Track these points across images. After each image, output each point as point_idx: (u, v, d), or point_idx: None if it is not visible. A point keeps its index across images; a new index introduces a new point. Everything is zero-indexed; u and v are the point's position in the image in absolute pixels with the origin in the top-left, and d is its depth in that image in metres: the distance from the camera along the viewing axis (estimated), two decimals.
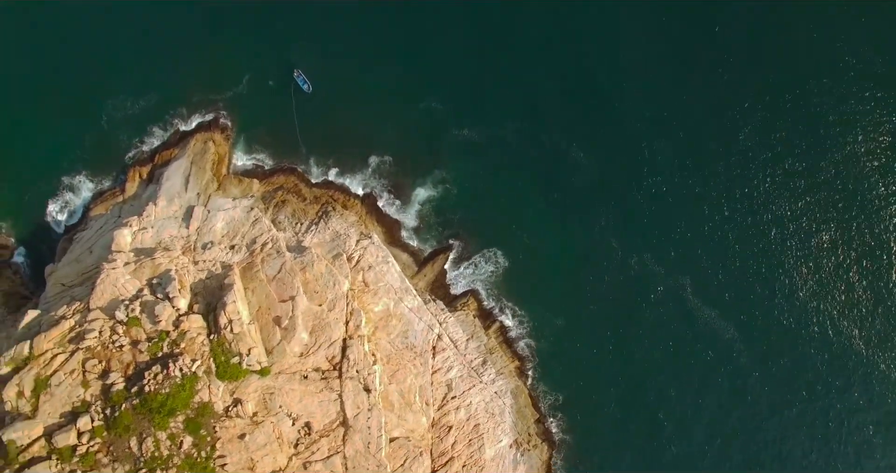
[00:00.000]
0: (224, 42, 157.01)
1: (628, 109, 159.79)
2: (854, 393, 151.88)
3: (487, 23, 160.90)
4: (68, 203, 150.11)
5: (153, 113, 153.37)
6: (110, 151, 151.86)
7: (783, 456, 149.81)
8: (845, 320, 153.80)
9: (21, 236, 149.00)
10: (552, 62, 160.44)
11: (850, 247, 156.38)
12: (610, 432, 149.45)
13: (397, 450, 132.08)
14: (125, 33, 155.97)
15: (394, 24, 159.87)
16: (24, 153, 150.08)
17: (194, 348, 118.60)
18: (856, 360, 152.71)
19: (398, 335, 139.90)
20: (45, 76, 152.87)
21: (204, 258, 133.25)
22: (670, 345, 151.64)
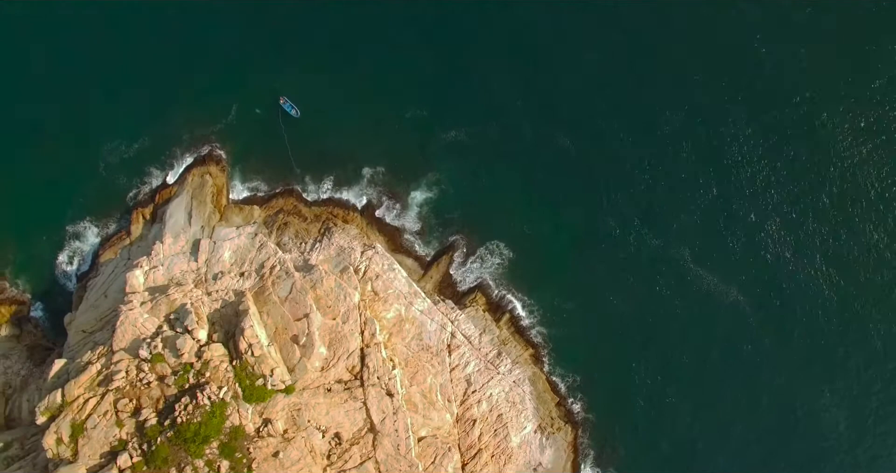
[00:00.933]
0: (207, 77, 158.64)
1: (604, 92, 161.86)
2: (869, 346, 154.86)
3: (457, 32, 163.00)
4: (77, 252, 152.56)
5: (148, 154, 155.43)
6: (111, 196, 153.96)
7: (804, 415, 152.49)
8: (844, 270, 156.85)
9: (35, 290, 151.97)
10: (524, 60, 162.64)
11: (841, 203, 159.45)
12: (630, 406, 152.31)
13: (426, 449, 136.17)
14: (111, 79, 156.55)
15: (369, 42, 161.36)
16: (26, 208, 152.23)
17: (219, 375, 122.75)
18: (862, 311, 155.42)
19: (413, 338, 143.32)
20: (38, 129, 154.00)
21: (216, 288, 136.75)
22: (678, 315, 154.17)
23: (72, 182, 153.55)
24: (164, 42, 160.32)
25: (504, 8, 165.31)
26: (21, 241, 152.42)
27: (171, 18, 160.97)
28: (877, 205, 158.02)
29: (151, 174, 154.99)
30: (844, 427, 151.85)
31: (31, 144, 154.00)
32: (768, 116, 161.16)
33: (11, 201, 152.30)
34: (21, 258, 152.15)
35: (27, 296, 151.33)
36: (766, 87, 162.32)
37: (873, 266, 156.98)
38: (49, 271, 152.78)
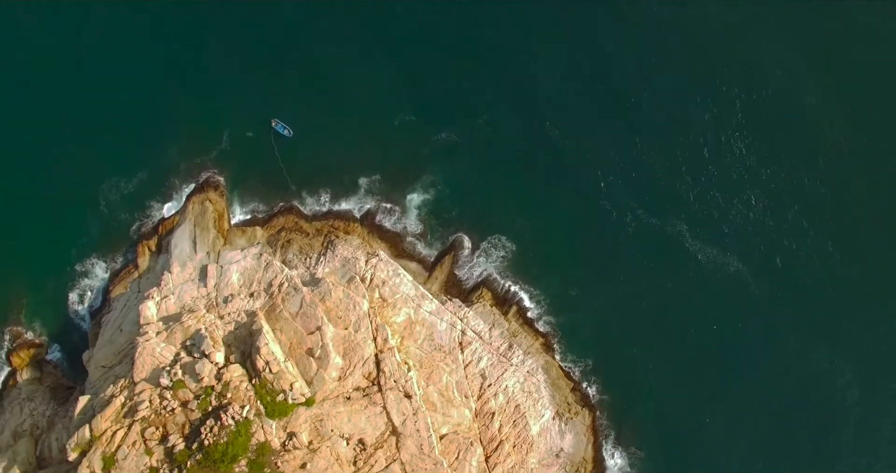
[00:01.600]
0: (196, 106, 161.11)
1: (584, 81, 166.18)
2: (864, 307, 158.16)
3: (435, 37, 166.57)
4: (87, 290, 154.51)
5: (147, 187, 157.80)
6: (115, 232, 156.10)
7: (812, 376, 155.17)
8: (835, 230, 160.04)
9: (51, 331, 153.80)
10: (503, 58, 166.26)
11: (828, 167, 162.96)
12: (645, 384, 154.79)
13: (449, 445, 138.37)
14: (101, 116, 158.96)
15: (350, 56, 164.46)
16: (31, 252, 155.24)
17: (240, 395, 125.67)
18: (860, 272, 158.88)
19: (425, 340, 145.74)
20: (35, 173, 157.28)
21: (228, 311, 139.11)
22: (682, 290, 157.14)
23: (74, 222, 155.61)
24: (150, 75, 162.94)
25: (479, 11, 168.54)
26: (31, 285, 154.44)
27: (153, 51, 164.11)
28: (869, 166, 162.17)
29: (152, 207, 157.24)
30: (856, 390, 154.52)
31: (30, 188, 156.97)
32: (751, 96, 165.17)
33: (16, 247, 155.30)
34: (33, 302, 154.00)
35: (44, 338, 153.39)
36: (743, 67, 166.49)
37: (872, 222, 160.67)
38: (62, 312, 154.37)
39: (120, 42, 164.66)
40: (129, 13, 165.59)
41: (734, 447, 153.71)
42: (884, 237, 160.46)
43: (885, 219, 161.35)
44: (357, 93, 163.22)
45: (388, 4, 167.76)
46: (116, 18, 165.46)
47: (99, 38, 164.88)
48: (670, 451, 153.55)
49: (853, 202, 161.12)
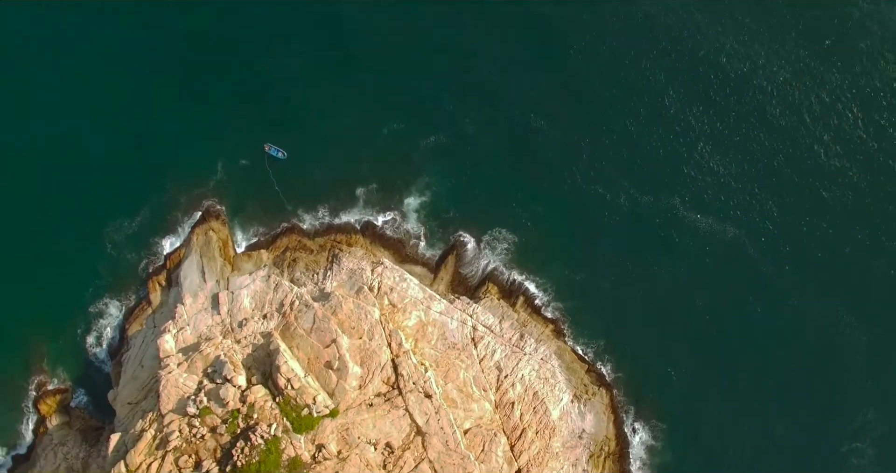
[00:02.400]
0: (188, 139, 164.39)
1: (561, 70, 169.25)
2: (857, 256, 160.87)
3: (413, 44, 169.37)
4: (104, 331, 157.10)
5: (150, 224, 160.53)
6: (125, 272, 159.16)
7: (820, 335, 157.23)
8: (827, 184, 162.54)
9: (74, 376, 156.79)
10: (479, 56, 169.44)
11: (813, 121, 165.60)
12: (658, 356, 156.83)
13: (474, 439, 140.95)
14: (97, 160, 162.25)
15: (331, 72, 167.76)
16: (46, 301, 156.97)
17: (266, 414, 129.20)
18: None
19: (438, 339, 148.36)
20: (40, 222, 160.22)
21: (244, 335, 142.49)
22: (683, 261, 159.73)
23: (84, 267, 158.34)
24: (138, 115, 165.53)
25: (449, 14, 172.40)
26: (49, 333, 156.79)
27: (139, 91, 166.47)
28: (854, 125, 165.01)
29: (157, 243, 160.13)
30: (864, 337, 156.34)
31: (36, 238, 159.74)
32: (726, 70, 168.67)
33: (30, 297, 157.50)
34: (53, 349, 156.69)
35: (68, 384, 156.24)
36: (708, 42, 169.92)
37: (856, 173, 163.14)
38: (82, 356, 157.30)
39: (104, 84, 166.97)
40: (110, 55, 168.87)
41: (755, 410, 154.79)
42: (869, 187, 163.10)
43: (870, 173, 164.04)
44: (343, 108, 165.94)
45: (360, 19, 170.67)
46: (96, 60, 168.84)
47: (84, 82, 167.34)
48: (691, 421, 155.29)
49: (835, 155, 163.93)
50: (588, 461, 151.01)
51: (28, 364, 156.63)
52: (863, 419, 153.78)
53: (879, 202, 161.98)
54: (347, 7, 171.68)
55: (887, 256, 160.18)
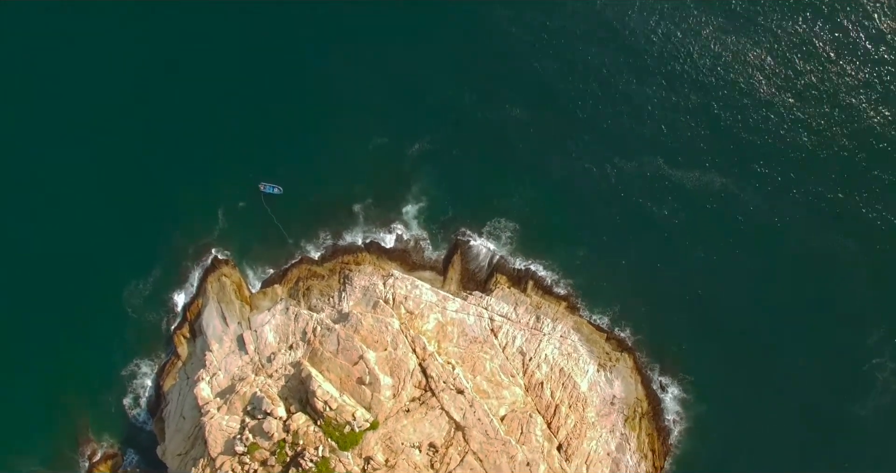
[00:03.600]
0: (184, 193, 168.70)
1: (529, 58, 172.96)
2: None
3: (381, 57, 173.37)
4: (140, 392, 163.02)
5: (164, 282, 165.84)
6: (149, 332, 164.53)
7: (821, 258, 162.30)
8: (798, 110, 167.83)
9: (121, 439, 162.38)
10: (449, 58, 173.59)
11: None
12: (671, 312, 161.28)
13: (511, 423, 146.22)
14: (101, 229, 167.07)
15: (305, 99, 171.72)
16: (80, 373, 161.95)
17: (311, 438, 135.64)
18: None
19: (459, 337, 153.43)
20: (60, 300, 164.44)
21: (275, 369, 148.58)
22: (679, 217, 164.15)
23: (110, 336, 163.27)
24: (131, 175, 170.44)
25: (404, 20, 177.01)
26: (88, 403, 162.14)
27: (124, 152, 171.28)
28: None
29: (174, 298, 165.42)
30: (866, 268, 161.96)
31: (58, 316, 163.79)
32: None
33: (65, 374, 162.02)
34: (94, 417, 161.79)
35: (116, 448, 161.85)
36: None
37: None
38: (124, 419, 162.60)
39: (93, 150, 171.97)
40: (92, 122, 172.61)
41: (775, 345, 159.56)
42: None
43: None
44: (325, 134, 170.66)
45: (323, 50, 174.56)
46: (83, 129, 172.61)
47: (75, 150, 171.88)
48: (716, 367, 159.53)
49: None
50: (624, 424, 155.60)
51: (74, 436, 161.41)
52: (877, 335, 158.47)
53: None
54: (309, 41, 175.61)
55: (872, 178, 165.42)
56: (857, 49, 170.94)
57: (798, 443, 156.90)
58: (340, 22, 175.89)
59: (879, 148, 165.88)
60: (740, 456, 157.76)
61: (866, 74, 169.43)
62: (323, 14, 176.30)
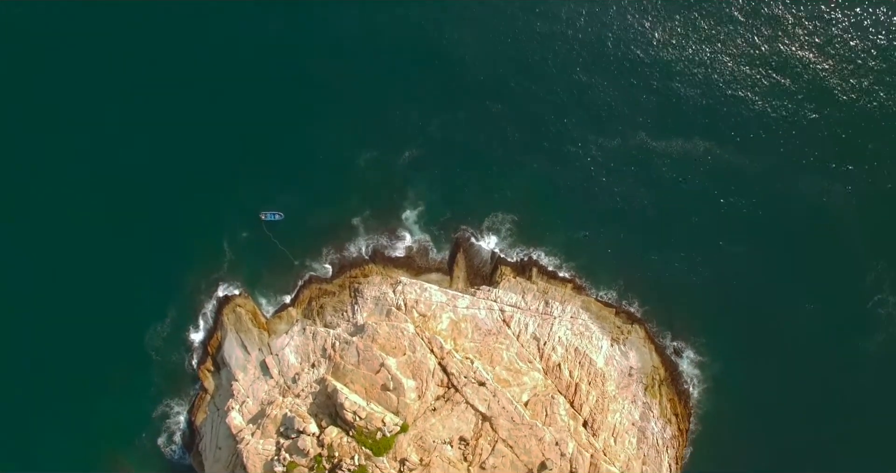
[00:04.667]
0: (188, 232, 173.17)
1: (502, 54, 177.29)
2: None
3: (357, 71, 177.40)
4: (174, 429, 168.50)
5: (180, 321, 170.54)
6: (173, 372, 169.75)
7: (812, 205, 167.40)
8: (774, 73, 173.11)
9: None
10: (422, 63, 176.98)
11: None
12: (675, 279, 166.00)
13: (535, 407, 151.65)
14: (114, 277, 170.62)
15: (290, 124, 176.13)
16: (113, 421, 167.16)
17: (345, 449, 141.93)
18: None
19: (473, 332, 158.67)
20: (83, 352, 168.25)
21: (301, 388, 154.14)
22: (669, 187, 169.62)
23: (137, 380, 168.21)
24: (134, 220, 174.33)
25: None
26: (125, 448, 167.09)
27: (121, 198, 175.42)
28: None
29: (193, 335, 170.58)
30: (855, 206, 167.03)
31: (84, 369, 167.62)
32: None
33: (98, 423, 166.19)
34: (133, 460, 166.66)
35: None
36: None
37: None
38: (161, 458, 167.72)
39: (90, 202, 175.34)
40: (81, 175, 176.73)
41: (779, 295, 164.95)
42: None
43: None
44: (315, 154, 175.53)
45: (296, 70, 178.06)
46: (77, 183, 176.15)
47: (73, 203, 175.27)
48: (725, 325, 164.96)
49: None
50: (645, 393, 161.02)
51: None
52: (875, 273, 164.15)
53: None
54: (281, 65, 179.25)
55: (851, 119, 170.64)
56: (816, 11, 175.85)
57: (816, 385, 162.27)
58: (311, 44, 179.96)
59: (844, 99, 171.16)
60: (761, 407, 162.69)
61: (824, 32, 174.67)
62: (291, 40, 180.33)
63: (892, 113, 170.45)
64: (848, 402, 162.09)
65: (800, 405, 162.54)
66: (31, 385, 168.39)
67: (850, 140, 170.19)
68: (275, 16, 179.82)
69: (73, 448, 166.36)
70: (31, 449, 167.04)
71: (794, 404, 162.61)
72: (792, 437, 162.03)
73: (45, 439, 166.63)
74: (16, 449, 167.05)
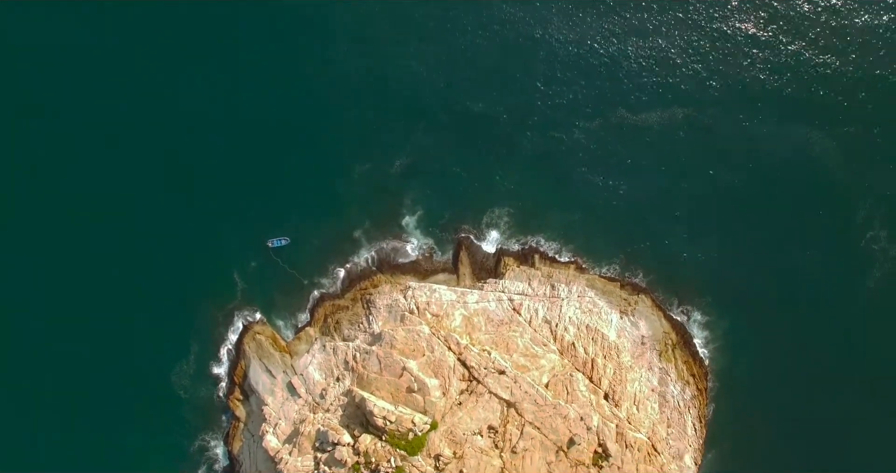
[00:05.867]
0: (198, 269, 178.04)
1: (473, 57, 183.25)
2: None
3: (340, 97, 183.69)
4: (213, 462, 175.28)
5: (203, 356, 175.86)
6: (204, 406, 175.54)
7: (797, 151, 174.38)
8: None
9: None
10: (400, 72, 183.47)
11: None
12: (674, 246, 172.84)
13: (556, 387, 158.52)
14: (131, 321, 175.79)
15: (280, 148, 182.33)
16: (149, 462, 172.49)
17: (381, 454, 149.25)
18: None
19: (486, 324, 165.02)
20: (114, 398, 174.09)
21: (329, 403, 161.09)
22: (655, 157, 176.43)
23: (169, 420, 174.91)
24: (144, 261, 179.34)
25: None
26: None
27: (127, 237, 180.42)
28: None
29: (218, 367, 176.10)
30: (837, 149, 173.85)
31: (118, 416, 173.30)
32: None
33: (137, 466, 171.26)
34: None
35: None
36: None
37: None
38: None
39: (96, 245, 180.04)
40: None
41: (773, 244, 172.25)
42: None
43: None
44: (310, 174, 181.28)
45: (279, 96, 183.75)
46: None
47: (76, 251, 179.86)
48: (727, 282, 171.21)
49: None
50: (660, 359, 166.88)
51: None
52: (863, 211, 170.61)
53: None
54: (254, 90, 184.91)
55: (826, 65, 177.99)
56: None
57: (821, 327, 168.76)
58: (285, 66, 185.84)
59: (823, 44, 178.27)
60: (773, 355, 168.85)
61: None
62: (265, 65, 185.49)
63: (859, 63, 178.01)
64: (854, 338, 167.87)
65: (809, 349, 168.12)
66: (66, 437, 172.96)
67: (819, 86, 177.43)
68: (261, 46, 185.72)
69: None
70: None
71: (803, 348, 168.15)
72: (806, 377, 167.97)
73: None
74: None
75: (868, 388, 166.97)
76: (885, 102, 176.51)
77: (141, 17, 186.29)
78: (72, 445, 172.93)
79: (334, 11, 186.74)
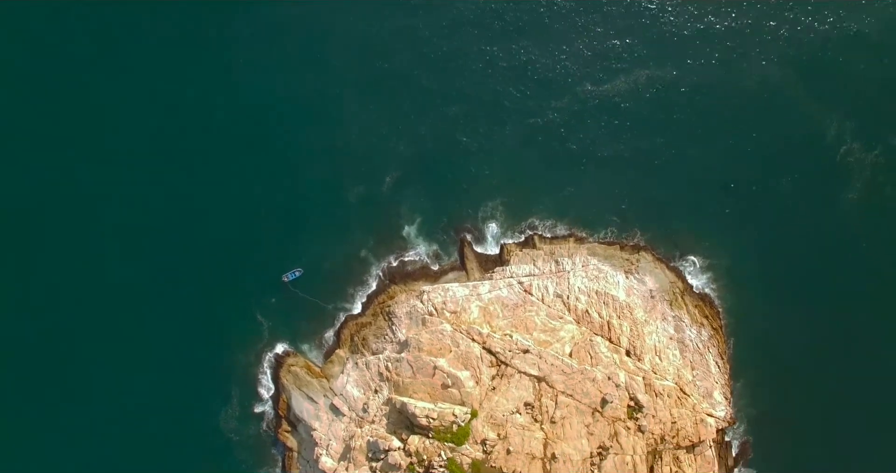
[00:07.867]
0: (221, 317, 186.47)
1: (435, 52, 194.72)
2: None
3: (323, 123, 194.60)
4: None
5: (246, 397, 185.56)
6: (256, 444, 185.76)
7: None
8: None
9: None
10: (380, 81, 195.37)
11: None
12: (669, 203, 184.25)
13: (579, 353, 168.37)
14: (169, 378, 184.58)
15: (273, 185, 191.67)
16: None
17: (430, 450, 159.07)
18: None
19: (502, 310, 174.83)
20: (168, 454, 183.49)
21: (373, 415, 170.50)
22: (628, 117, 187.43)
23: (226, 465, 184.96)
24: (167, 317, 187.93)
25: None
26: None
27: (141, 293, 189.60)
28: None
29: (260, 407, 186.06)
30: (797, 78, 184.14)
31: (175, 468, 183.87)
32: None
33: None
34: None
35: None
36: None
37: None
38: None
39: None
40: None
41: (758, 178, 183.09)
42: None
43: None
44: (308, 205, 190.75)
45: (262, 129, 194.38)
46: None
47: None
48: (721, 223, 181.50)
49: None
50: (671, 308, 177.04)
51: None
52: (834, 127, 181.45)
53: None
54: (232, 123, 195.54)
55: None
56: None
57: (816, 245, 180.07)
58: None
59: None
60: (779, 282, 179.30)
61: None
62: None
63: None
64: (847, 248, 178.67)
65: (809, 266, 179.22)
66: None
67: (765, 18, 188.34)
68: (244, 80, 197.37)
69: None
70: None
71: (803, 267, 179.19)
72: (812, 293, 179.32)
73: None
74: None
75: (868, 292, 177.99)
76: (833, 25, 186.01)
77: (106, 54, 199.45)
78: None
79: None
